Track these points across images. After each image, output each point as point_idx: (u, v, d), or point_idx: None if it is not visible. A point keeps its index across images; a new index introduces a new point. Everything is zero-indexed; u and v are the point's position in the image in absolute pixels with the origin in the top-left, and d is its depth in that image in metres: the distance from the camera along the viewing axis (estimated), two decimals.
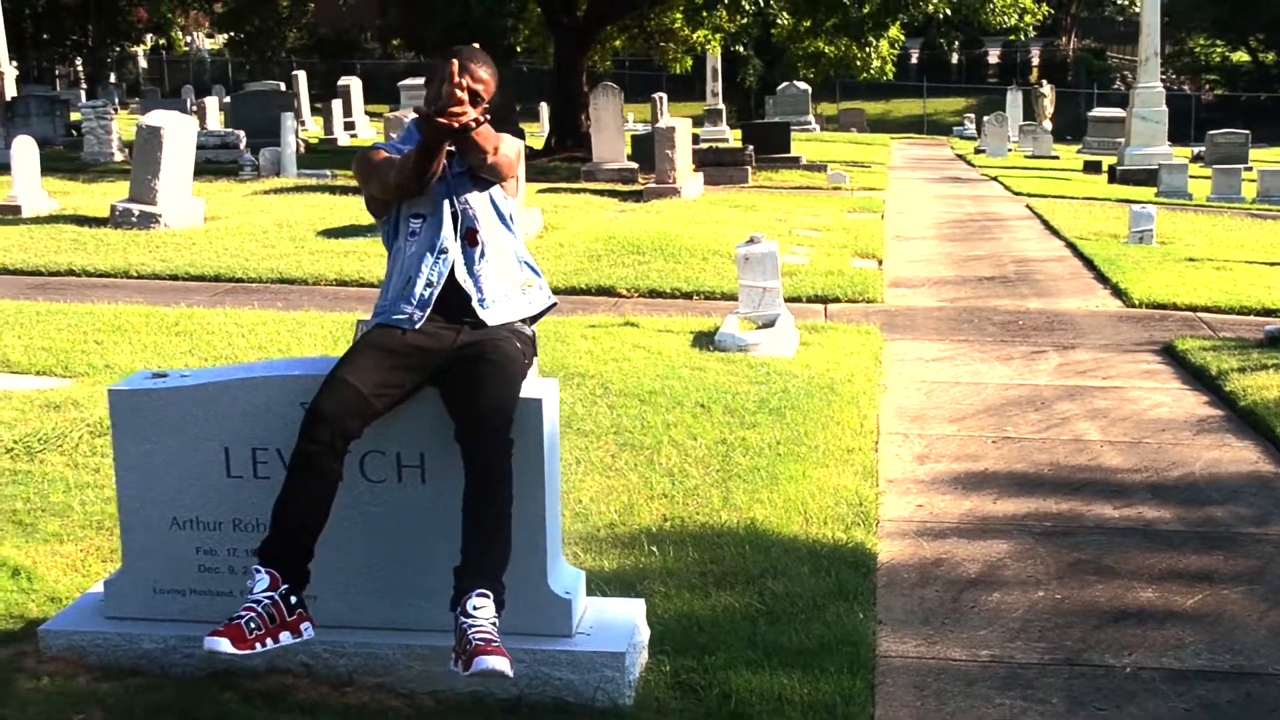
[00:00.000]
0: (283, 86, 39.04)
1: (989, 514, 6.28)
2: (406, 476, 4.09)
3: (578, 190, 20.22)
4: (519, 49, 33.17)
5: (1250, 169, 26.50)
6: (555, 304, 4.42)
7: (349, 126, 34.88)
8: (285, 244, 14.22)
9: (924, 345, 10.33)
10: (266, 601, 3.72)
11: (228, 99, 32.53)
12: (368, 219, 16.19)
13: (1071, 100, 51.06)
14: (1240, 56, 57.87)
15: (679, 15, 29.71)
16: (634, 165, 22.53)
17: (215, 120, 31.94)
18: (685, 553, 5.40)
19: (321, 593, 4.02)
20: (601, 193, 20.14)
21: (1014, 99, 43.37)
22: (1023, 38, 40.26)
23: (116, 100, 34.88)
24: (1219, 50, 58.31)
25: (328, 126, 33.76)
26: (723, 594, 4.98)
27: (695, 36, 30.38)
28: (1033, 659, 4.66)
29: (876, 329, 10.50)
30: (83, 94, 44.92)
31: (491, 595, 3.77)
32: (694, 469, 6.54)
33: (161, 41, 62.19)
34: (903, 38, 27.71)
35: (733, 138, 33.51)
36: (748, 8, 21.85)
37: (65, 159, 24.42)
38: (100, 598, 4.41)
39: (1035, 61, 61.38)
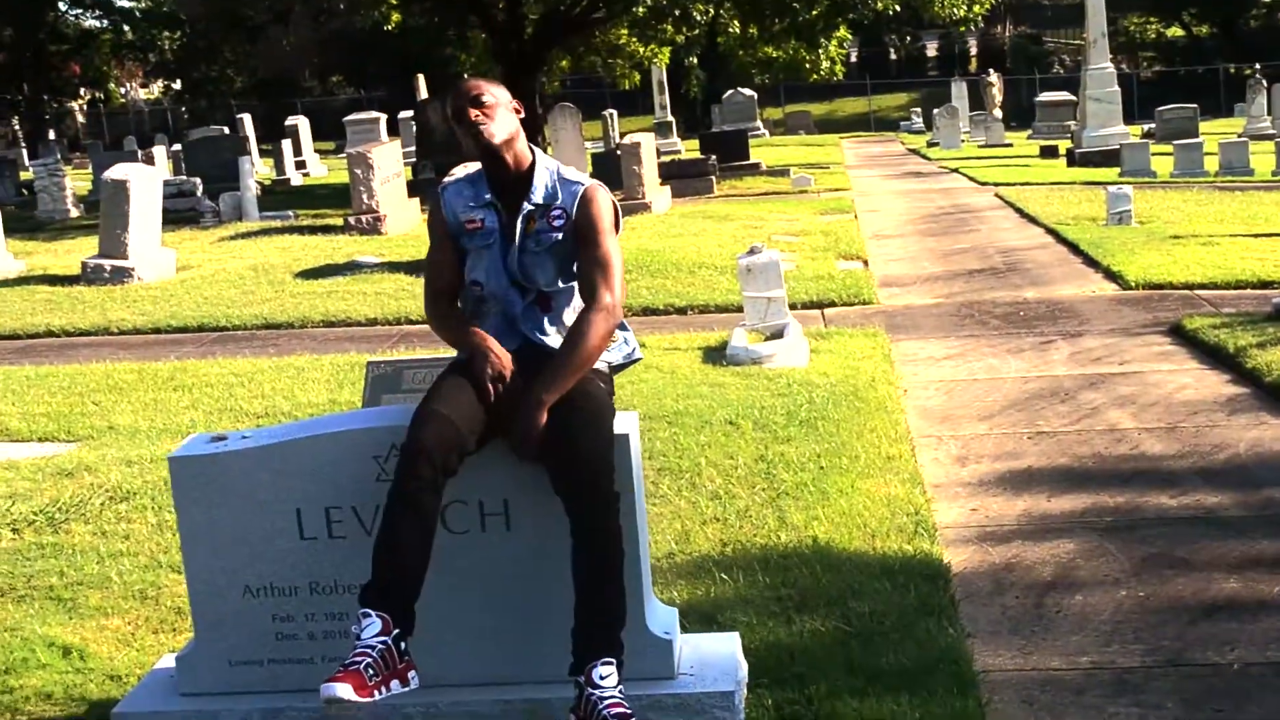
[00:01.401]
0: (226, 130, 38.78)
1: (1046, 513, 6.14)
2: (490, 525, 3.91)
3: None
4: (464, 76, 32.93)
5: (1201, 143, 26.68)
6: (640, 358, 4.24)
7: (300, 165, 34.60)
8: (264, 288, 13.97)
9: (931, 344, 10.22)
10: (380, 646, 3.51)
11: (177, 147, 32.15)
12: (341, 257, 15.96)
13: (1013, 87, 51.33)
14: (1175, 32, 58.42)
15: (624, 32, 29.64)
16: None
17: (165, 169, 31.57)
18: (755, 578, 5.23)
19: (414, 650, 3.83)
20: None
21: (959, 90, 43.53)
22: (973, 28, 40.44)
23: (59, 156, 34.41)
24: (1154, 27, 58.85)
25: (279, 167, 33.44)
26: (805, 619, 4.81)
27: (644, 51, 30.31)
28: (1135, 662, 4.52)
29: (882, 331, 10.37)
30: (24, 153, 44.41)
31: (615, 660, 3.60)
32: (739, 489, 6.38)
33: (98, 95, 61.65)
34: (850, 37, 27.69)
35: (685, 149, 33.48)
36: (699, 19, 21.73)
37: (20, 219, 24.02)
38: (169, 673, 4.20)
39: (974, 52, 61.76)
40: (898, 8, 23.28)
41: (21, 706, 4.43)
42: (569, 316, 4.00)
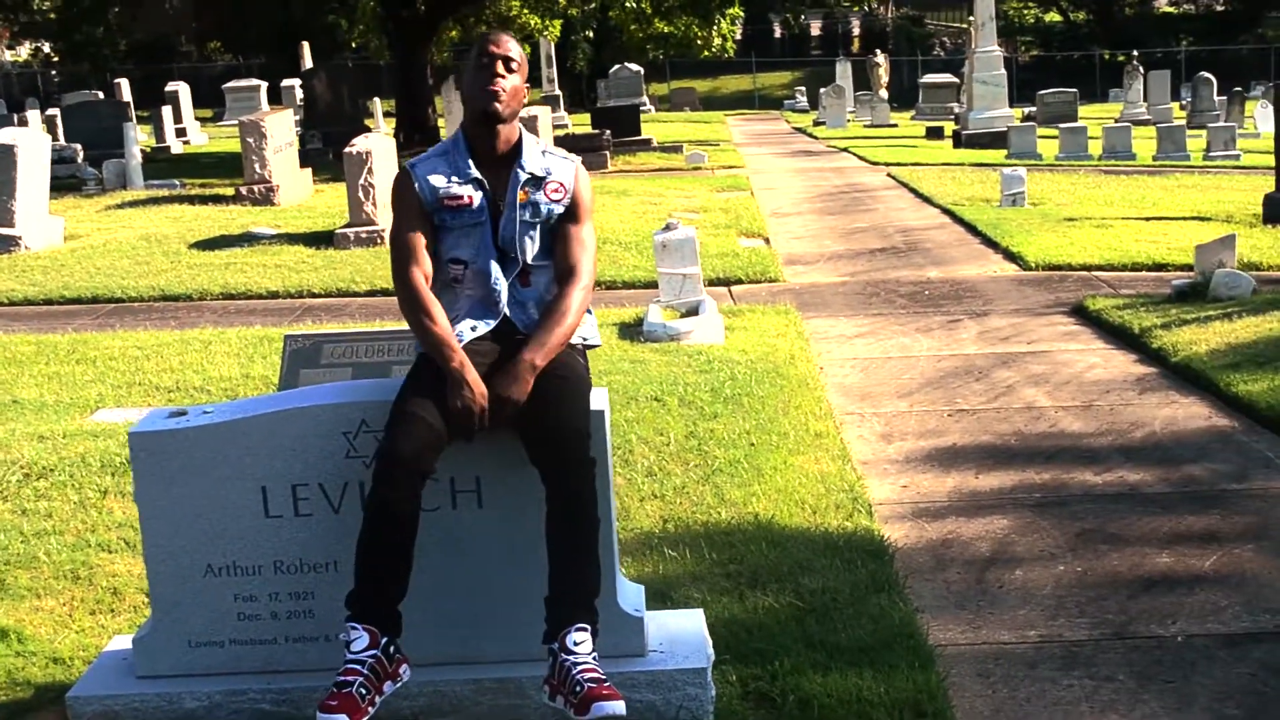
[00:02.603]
0: (101, 95, 37.73)
1: (976, 490, 6.25)
2: (462, 503, 3.86)
3: None
4: (353, 44, 32.48)
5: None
6: (598, 345, 4.19)
7: (180, 133, 33.73)
8: (159, 259, 13.64)
9: (840, 322, 10.32)
10: (370, 660, 3.49)
11: (52, 111, 31.18)
12: (236, 228, 15.66)
13: (896, 69, 51.93)
14: (1053, 17, 59.52)
15: (516, 3, 29.45)
16: None
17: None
18: (701, 554, 5.25)
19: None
20: None
21: (844, 70, 43.85)
22: (858, 9, 40.79)
23: None
24: (1032, 12, 59.90)
25: (158, 134, 32.56)
26: (759, 595, 4.84)
27: (534, 23, 30.13)
28: (1082, 635, 4.62)
29: (793, 308, 10.44)
30: None
31: (589, 628, 3.58)
32: (674, 466, 6.38)
33: None
34: (742, 14, 27.79)
35: (572, 123, 33.33)
36: None
37: None
38: (122, 655, 4.10)
39: (856, 32, 62.34)
40: None
41: None
42: (546, 293, 3.95)
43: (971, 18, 29.54)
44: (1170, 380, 8.10)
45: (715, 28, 26.37)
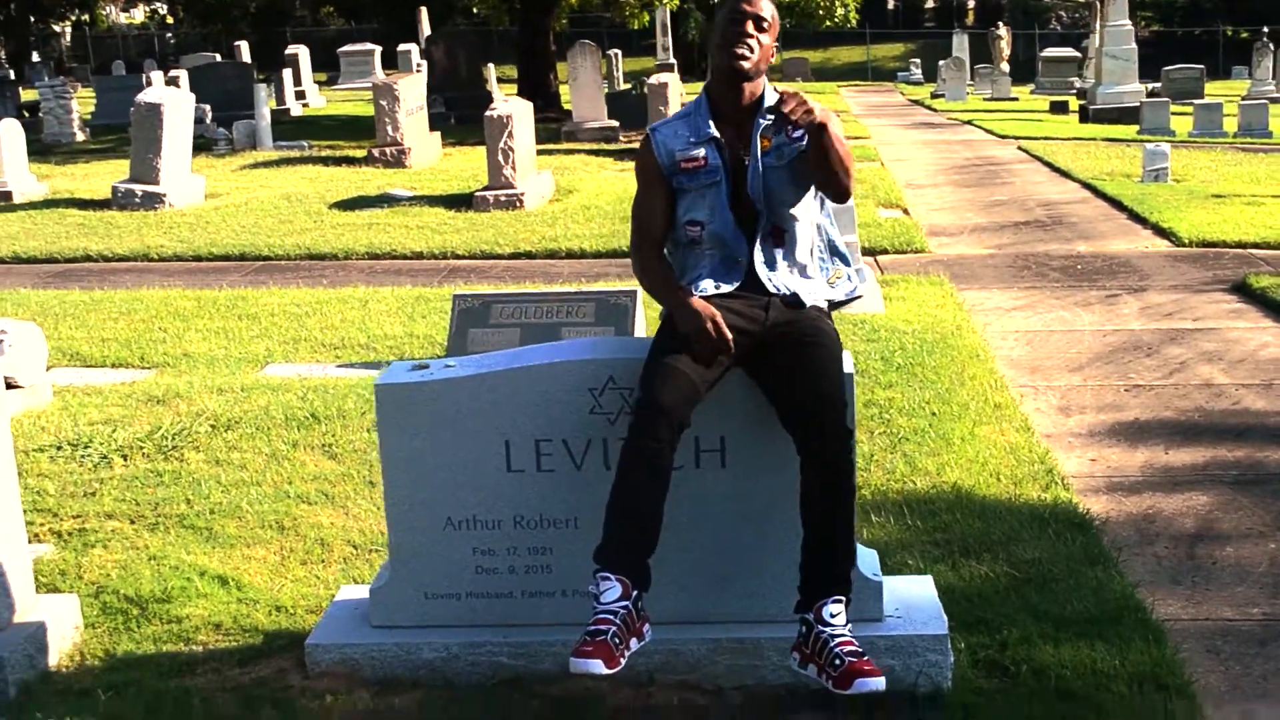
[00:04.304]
0: (218, 58, 38.23)
1: (1169, 465, 6.13)
2: (705, 462, 3.85)
3: (569, 151, 19.89)
4: (473, 10, 32.58)
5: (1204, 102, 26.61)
6: (861, 295, 4.14)
7: (299, 95, 34.10)
8: (302, 219, 13.81)
9: (994, 294, 10.17)
10: (623, 611, 3.48)
11: (176, 73, 31.67)
12: (373, 189, 15.80)
13: (1014, 42, 51.13)
14: None
15: None
16: (614, 123, 22.23)
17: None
18: (905, 522, 5.20)
19: None
20: (593, 152, 19.84)
21: (960, 42, 43.24)
22: None
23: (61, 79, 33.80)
24: None
25: (279, 96, 32.96)
26: (972, 564, 4.79)
27: None
28: None
29: (946, 279, 10.32)
30: (10, 73, 43.65)
31: (844, 599, 3.56)
32: (860, 435, 6.29)
33: (84, 18, 60.64)
34: None
35: (685, 92, 33.18)
36: None
37: (28, 142, 23.60)
38: (352, 606, 4.15)
39: (970, 4, 61.43)
40: None
41: (194, 636, 4.36)
42: (802, 257, 3.90)
43: None
44: None
45: None
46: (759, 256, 3.85)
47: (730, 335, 3.68)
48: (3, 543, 4.05)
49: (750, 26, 3.85)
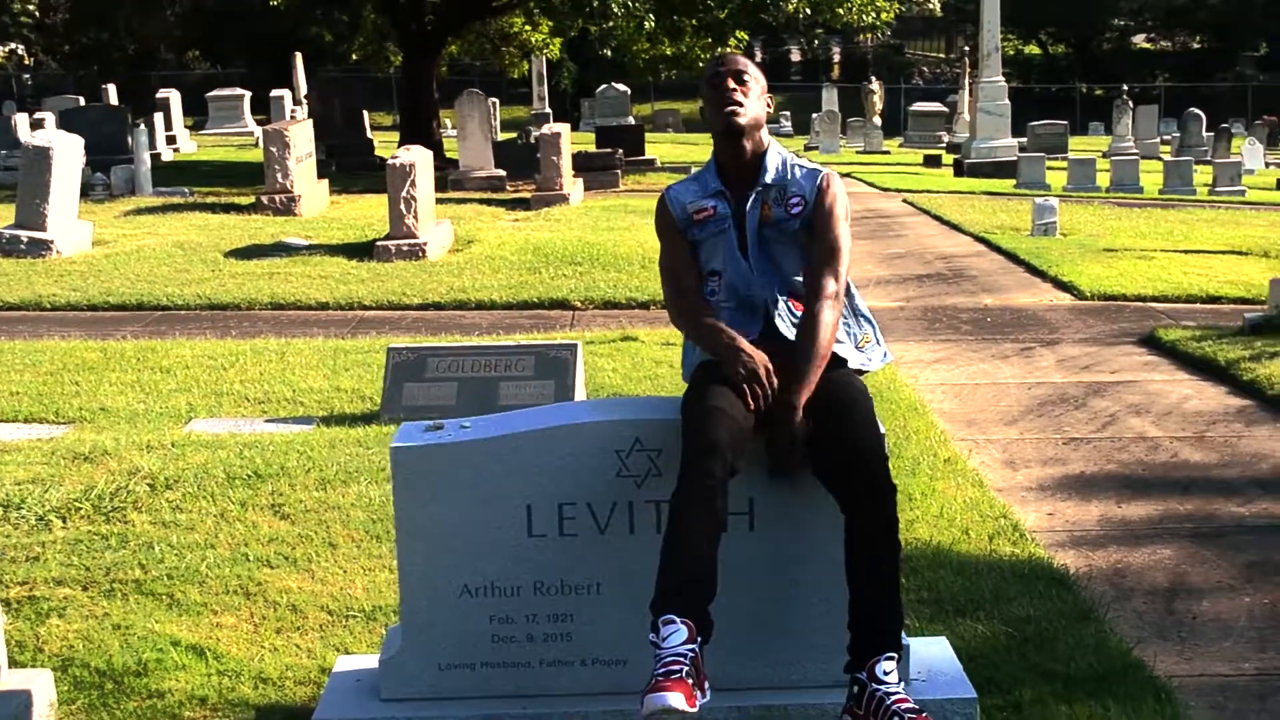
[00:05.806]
0: (82, 100, 37.27)
1: (1125, 519, 6.20)
2: (733, 525, 3.76)
3: (460, 200, 19.70)
4: (353, 57, 32.30)
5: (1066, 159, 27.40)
6: (889, 360, 4.15)
7: (170, 140, 33.41)
8: (198, 267, 13.46)
9: (912, 347, 10.27)
10: (691, 654, 3.32)
11: (42, 115, 30.78)
12: (266, 238, 15.47)
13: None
14: (1032, 49, 60.02)
15: (518, 19, 29.38)
16: (502, 172, 22.13)
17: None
18: None
19: (639, 657, 3.67)
20: (484, 201, 19.69)
21: (830, 96, 44.03)
22: (880, 35, 40.97)
23: None
24: (1012, 44, 60.32)
25: (150, 141, 32.23)
26: (967, 623, 4.76)
27: (535, 39, 30.05)
28: None
29: None
30: None
31: (897, 656, 3.50)
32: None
33: None
34: (747, 38, 27.78)
35: (571, 142, 33.21)
36: (616, 10, 21.56)
37: None
38: (354, 677, 3.99)
39: (836, 59, 62.62)
40: (808, 10, 23.41)
41: (179, 713, 4.15)
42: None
43: (966, 47, 29.73)
44: (1272, 412, 8.08)
45: (723, 50, 26.33)
46: (781, 310, 3.84)
47: (761, 356, 3.69)
48: None
49: (731, 83, 3.93)
